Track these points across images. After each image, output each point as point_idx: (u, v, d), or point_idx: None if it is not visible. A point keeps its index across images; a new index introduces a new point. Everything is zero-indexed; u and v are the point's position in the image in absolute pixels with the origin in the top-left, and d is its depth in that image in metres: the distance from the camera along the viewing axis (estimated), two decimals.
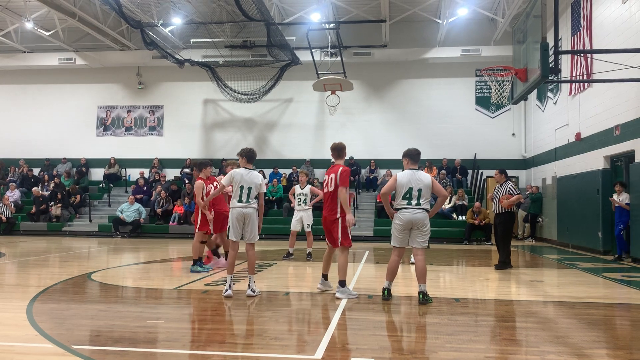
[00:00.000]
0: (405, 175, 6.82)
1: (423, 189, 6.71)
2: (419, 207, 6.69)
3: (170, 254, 13.29)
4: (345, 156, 7.37)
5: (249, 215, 7.06)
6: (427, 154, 20.78)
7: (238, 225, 7.08)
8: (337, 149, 7.31)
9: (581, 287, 8.38)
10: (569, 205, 15.69)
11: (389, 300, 6.78)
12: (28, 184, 21.67)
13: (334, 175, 7.02)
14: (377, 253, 13.31)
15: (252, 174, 7.17)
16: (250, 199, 7.07)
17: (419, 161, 7.03)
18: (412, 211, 6.69)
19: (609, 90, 13.16)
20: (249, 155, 7.29)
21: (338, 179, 6.95)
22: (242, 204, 7.05)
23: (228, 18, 20.29)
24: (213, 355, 4.45)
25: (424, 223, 6.70)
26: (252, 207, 7.08)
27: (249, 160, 7.28)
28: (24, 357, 4.39)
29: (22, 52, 22.53)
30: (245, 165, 7.25)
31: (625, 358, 4.50)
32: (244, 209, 7.05)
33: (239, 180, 7.07)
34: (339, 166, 7.11)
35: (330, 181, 7.07)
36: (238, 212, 7.06)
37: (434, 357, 4.45)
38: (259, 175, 7.24)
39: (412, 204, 6.70)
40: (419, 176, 6.78)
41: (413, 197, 6.69)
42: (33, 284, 8.25)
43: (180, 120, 22.77)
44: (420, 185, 6.72)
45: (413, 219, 6.68)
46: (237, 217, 7.06)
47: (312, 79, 19.49)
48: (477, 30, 20.49)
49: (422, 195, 6.70)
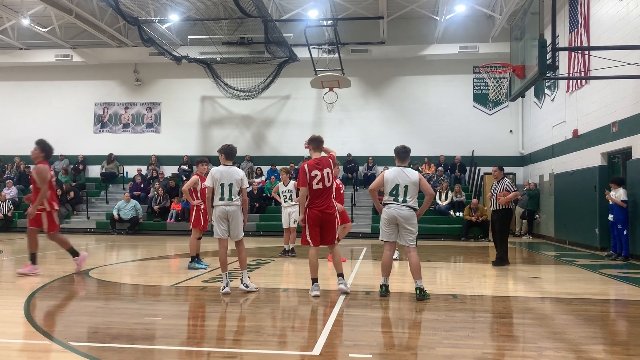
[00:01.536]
0: (392, 172, 6.86)
1: (409, 185, 6.72)
2: (405, 205, 6.70)
3: (168, 251, 13.28)
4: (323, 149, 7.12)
5: (232, 213, 7.02)
6: (425, 150, 20.88)
7: (222, 223, 7.05)
8: (321, 140, 7.06)
9: (578, 284, 8.40)
10: (566, 202, 15.72)
11: (386, 296, 6.80)
12: (25, 181, 21.60)
13: (329, 170, 6.83)
14: (375, 250, 13.32)
15: (232, 170, 7.12)
16: (233, 195, 7.03)
17: (409, 158, 7.02)
18: (398, 207, 6.71)
19: (606, 87, 13.17)
20: (227, 152, 7.26)
21: (332, 171, 6.86)
22: (224, 202, 7.02)
23: (225, 15, 20.25)
24: (211, 352, 4.45)
25: (411, 221, 6.71)
26: (235, 204, 7.04)
27: (228, 157, 7.25)
28: (22, 354, 4.39)
29: (19, 49, 22.46)
30: (225, 162, 7.22)
31: (622, 354, 4.51)
32: (226, 206, 7.02)
33: (219, 178, 7.04)
34: (327, 160, 6.88)
35: (327, 176, 6.81)
36: (221, 210, 7.03)
37: (431, 353, 4.46)
38: (239, 171, 7.18)
39: (398, 201, 6.73)
40: (406, 173, 6.79)
41: (400, 194, 6.72)
42: (30, 280, 8.23)
43: (177, 117, 22.72)
44: (406, 182, 6.73)
45: (398, 215, 6.70)
46: (220, 215, 7.04)
47: (310, 75, 19.45)
48: (475, 27, 20.49)
49: (408, 192, 6.71)
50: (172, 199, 19.55)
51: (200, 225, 9.41)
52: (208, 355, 4.37)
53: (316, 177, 6.80)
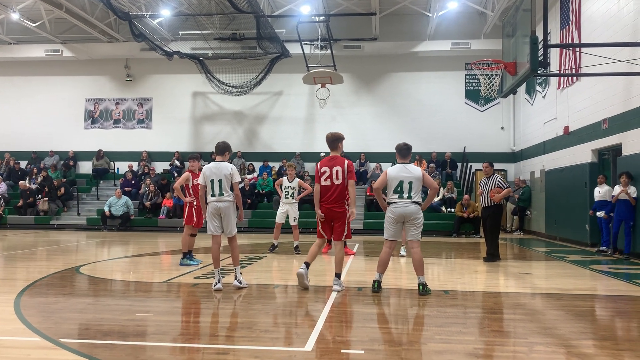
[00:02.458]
0: (395, 169, 6.88)
1: (414, 181, 6.75)
2: (410, 201, 6.74)
3: (160, 248, 13.23)
4: (342, 147, 7.24)
5: (224, 209, 7.02)
6: (417, 147, 20.64)
7: (215, 219, 7.06)
8: (337, 139, 7.15)
9: (569, 279, 8.46)
10: (557, 198, 15.82)
11: (378, 292, 6.82)
12: (15, 177, 21.44)
13: (340, 169, 6.85)
14: (367, 246, 13.33)
15: (221, 165, 7.10)
16: (223, 191, 7.01)
17: (410, 155, 7.03)
18: (403, 204, 6.74)
19: (597, 84, 13.25)
20: (217, 148, 7.27)
21: (346, 172, 6.85)
22: (215, 198, 7.03)
23: (217, 10, 20.14)
24: (203, 348, 4.44)
25: (417, 216, 6.75)
26: (226, 200, 7.02)
27: (218, 152, 7.25)
28: (12, 351, 4.36)
29: (8, 44, 22.25)
30: (215, 159, 7.24)
31: (611, 349, 4.55)
32: (217, 202, 7.02)
33: (209, 175, 7.06)
34: (342, 159, 6.95)
35: (336, 174, 6.83)
36: (213, 206, 7.04)
37: (423, 349, 4.48)
38: (229, 165, 7.13)
39: (403, 197, 6.75)
40: (409, 169, 6.82)
41: (404, 190, 6.74)
42: (21, 277, 8.18)
43: (169, 113, 22.62)
44: (410, 177, 6.75)
45: (405, 212, 6.73)
46: (213, 211, 7.05)
47: (302, 71, 19.41)
48: (467, 23, 20.54)
49: (412, 188, 6.74)
50: (163, 195, 19.49)
51: (193, 222, 9.41)
52: (200, 352, 4.36)
53: (325, 173, 6.90)
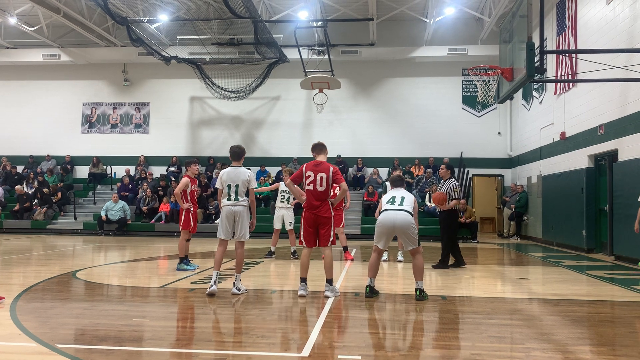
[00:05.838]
0: (388, 194, 7.21)
1: (406, 197, 6.99)
2: (401, 208, 6.89)
3: (156, 252, 13.20)
4: (327, 153, 7.30)
5: (239, 214, 7.08)
6: (414, 152, 20.95)
7: (228, 224, 7.09)
8: (320, 145, 7.26)
9: (565, 285, 8.46)
10: (554, 204, 15.85)
11: (372, 297, 6.83)
12: (11, 181, 21.38)
13: (325, 176, 6.88)
14: (365, 251, 13.33)
15: (238, 170, 7.18)
16: (239, 196, 7.09)
17: (402, 185, 7.26)
18: (394, 212, 6.87)
19: (593, 90, 13.30)
20: (234, 153, 7.32)
21: (331, 177, 6.89)
22: (231, 202, 7.09)
23: (215, 15, 20.16)
24: (199, 354, 4.43)
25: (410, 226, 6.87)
26: (241, 205, 7.09)
27: (234, 157, 7.31)
28: (8, 356, 4.34)
29: (6, 48, 22.23)
30: (232, 164, 7.28)
31: (608, 354, 4.56)
32: (233, 206, 7.07)
33: (226, 179, 7.13)
34: (328, 165, 6.97)
35: (320, 180, 6.87)
36: (227, 210, 7.08)
37: (420, 354, 4.47)
38: (246, 171, 7.19)
39: (394, 205, 6.94)
40: (402, 193, 7.09)
41: (396, 202, 6.94)
42: (17, 282, 8.15)
43: (166, 118, 22.61)
44: (402, 193, 7.03)
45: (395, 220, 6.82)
46: (227, 215, 7.08)
47: (300, 77, 19.43)
48: (464, 29, 20.63)
49: (405, 201, 6.95)
50: (160, 199, 19.45)
51: (189, 227, 9.42)
52: (197, 357, 4.34)
53: (309, 177, 6.93)
